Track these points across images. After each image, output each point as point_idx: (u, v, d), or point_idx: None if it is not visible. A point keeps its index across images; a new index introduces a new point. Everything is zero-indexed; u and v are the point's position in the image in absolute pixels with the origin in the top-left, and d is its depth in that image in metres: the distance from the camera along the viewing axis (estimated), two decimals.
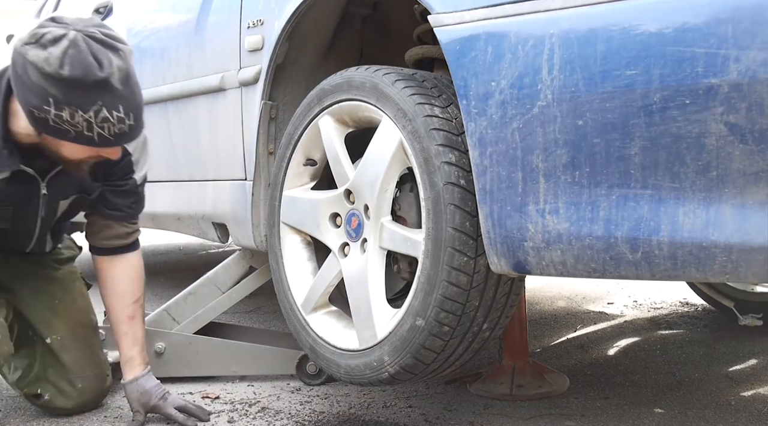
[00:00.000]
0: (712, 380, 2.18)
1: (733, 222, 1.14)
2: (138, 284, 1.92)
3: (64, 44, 1.37)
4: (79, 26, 1.42)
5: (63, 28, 1.40)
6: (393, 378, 1.61)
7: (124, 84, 1.44)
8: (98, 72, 1.39)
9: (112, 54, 1.42)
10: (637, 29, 1.19)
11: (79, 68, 1.38)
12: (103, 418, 1.95)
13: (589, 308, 3.28)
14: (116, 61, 1.42)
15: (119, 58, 1.43)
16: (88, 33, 1.41)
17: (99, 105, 1.41)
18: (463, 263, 1.47)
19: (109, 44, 1.42)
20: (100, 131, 1.44)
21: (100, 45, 1.41)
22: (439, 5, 1.48)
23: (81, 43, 1.38)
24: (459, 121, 1.53)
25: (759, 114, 1.10)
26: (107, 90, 1.41)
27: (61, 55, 1.37)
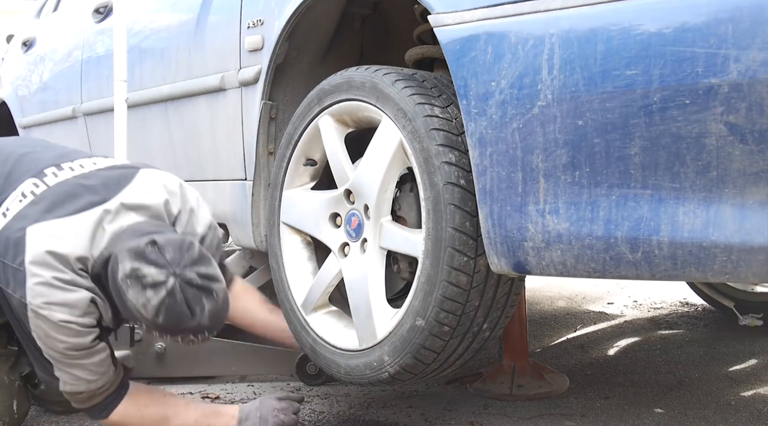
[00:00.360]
0: (712, 380, 2.18)
1: (733, 222, 1.14)
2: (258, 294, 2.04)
3: (162, 294, 1.44)
4: (178, 269, 1.46)
5: (163, 273, 1.45)
6: (393, 378, 1.61)
7: (213, 319, 1.51)
8: (189, 321, 1.47)
9: (206, 299, 1.48)
10: (637, 29, 1.19)
11: (173, 318, 1.46)
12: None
13: (589, 308, 3.28)
14: (208, 305, 1.49)
15: (212, 300, 1.49)
16: (185, 279, 1.46)
17: (187, 334, 1.52)
18: (463, 263, 1.47)
19: (204, 288, 1.48)
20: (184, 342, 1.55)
21: (196, 290, 1.47)
22: (439, 5, 1.48)
23: (178, 293, 1.45)
24: (459, 121, 1.53)
25: (759, 114, 1.10)
26: (197, 329, 1.51)
27: (158, 304, 1.44)
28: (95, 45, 3.05)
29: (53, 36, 3.56)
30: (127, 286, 1.46)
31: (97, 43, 3.04)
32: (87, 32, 3.14)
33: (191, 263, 1.48)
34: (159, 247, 1.47)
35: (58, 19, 3.64)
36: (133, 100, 2.56)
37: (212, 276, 1.51)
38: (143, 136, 2.68)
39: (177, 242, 1.50)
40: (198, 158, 2.44)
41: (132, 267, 1.45)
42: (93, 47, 3.06)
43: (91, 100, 3.04)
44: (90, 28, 3.12)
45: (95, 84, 3.01)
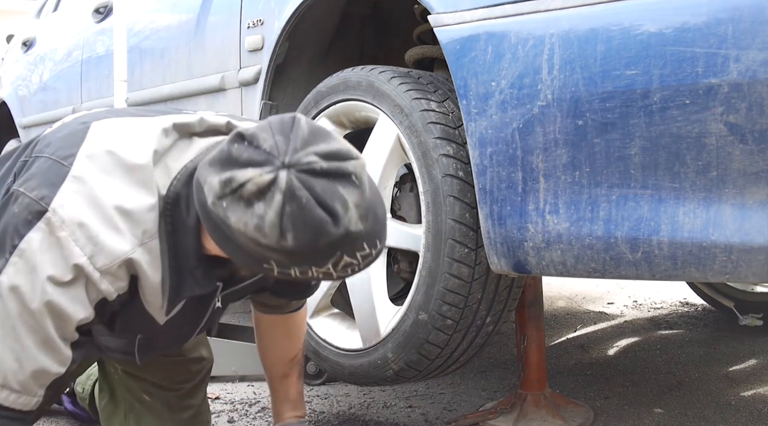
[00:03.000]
0: (712, 380, 2.18)
1: (733, 222, 1.14)
2: (297, 342, 1.56)
3: (278, 201, 0.95)
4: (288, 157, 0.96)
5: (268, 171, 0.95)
6: (397, 375, 1.61)
7: (365, 219, 1.00)
8: (333, 229, 0.97)
9: (343, 188, 0.97)
10: (637, 29, 1.19)
11: (309, 233, 0.96)
12: None
13: (589, 308, 3.28)
14: (352, 196, 0.98)
15: (353, 187, 0.98)
16: (304, 167, 0.96)
17: (338, 255, 1.01)
18: (464, 255, 1.47)
19: (337, 172, 0.97)
20: (340, 274, 1.05)
21: (325, 179, 0.97)
22: (439, 5, 1.48)
23: (300, 191, 0.95)
24: (456, 114, 1.53)
25: (759, 114, 1.10)
26: (348, 241, 1.00)
27: (277, 219, 0.95)
28: (95, 45, 3.05)
29: (53, 36, 3.56)
30: (225, 212, 0.97)
31: (97, 43, 3.04)
32: (87, 32, 3.14)
33: (303, 144, 0.97)
34: (248, 138, 0.98)
35: (58, 19, 3.64)
36: (133, 100, 2.56)
37: (341, 153, 0.99)
38: None
39: (275, 124, 1.00)
40: None
41: (221, 180, 0.96)
42: (93, 47, 3.06)
43: (91, 100, 3.04)
44: (90, 28, 3.13)
45: (95, 84, 3.01)
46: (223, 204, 0.97)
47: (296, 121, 1.00)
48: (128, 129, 1.14)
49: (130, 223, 1.07)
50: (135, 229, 1.08)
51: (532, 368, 1.76)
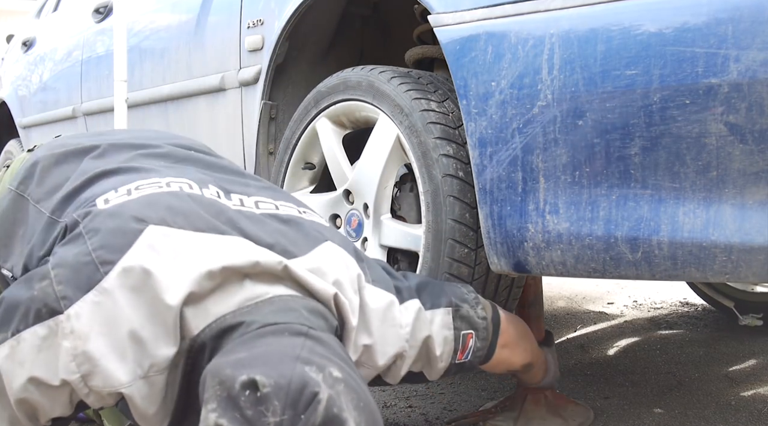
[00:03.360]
0: (712, 380, 2.18)
1: (733, 222, 1.14)
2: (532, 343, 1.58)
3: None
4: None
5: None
6: None
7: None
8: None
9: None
10: (637, 29, 1.19)
11: None
12: None
13: (589, 308, 3.28)
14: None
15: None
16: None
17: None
18: (464, 255, 1.47)
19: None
20: None
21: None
22: (439, 5, 1.48)
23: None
24: (456, 114, 1.53)
25: (759, 114, 1.10)
26: None
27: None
28: (95, 45, 3.05)
29: (53, 36, 3.56)
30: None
31: (97, 43, 3.04)
32: (87, 32, 3.14)
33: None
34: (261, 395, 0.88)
35: (58, 19, 3.65)
36: (133, 100, 2.56)
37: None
38: None
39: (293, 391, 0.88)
40: None
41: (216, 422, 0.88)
42: (93, 47, 3.06)
43: (91, 100, 3.04)
44: (90, 28, 3.13)
45: (95, 84, 3.02)
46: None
47: (316, 401, 0.87)
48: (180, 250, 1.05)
49: (139, 353, 1.01)
50: (143, 361, 1.01)
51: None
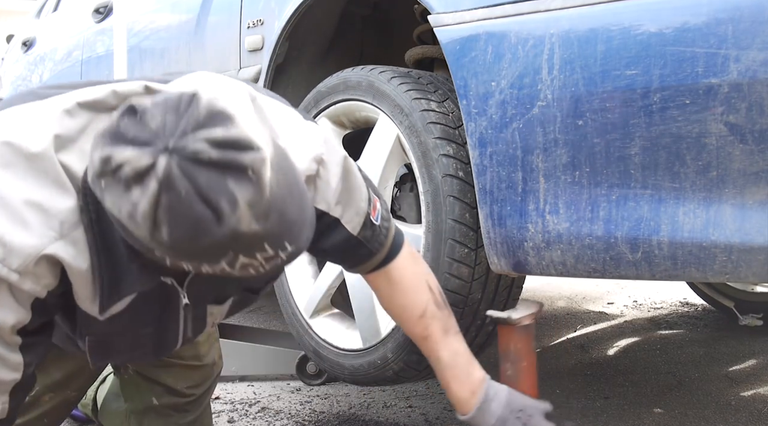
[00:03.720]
0: (712, 380, 2.18)
1: (733, 222, 1.14)
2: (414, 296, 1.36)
3: (153, 189, 0.83)
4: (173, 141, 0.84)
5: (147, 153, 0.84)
6: (397, 375, 1.61)
7: (264, 218, 0.87)
8: (216, 228, 0.84)
9: (235, 183, 0.84)
10: (637, 29, 1.19)
11: (186, 229, 0.84)
12: None
13: (589, 308, 3.28)
14: (245, 193, 0.84)
15: (248, 183, 0.85)
16: (188, 155, 0.83)
17: (231, 255, 0.88)
18: (464, 255, 1.47)
19: (229, 165, 0.84)
20: (242, 272, 0.92)
21: (214, 171, 0.84)
22: (439, 5, 1.48)
23: (180, 181, 0.83)
24: (456, 114, 1.53)
25: (759, 114, 1.10)
26: (239, 242, 0.87)
27: (150, 210, 0.83)
28: (95, 45, 3.05)
29: (53, 36, 3.56)
30: (102, 192, 0.86)
31: (97, 43, 3.04)
32: (87, 32, 3.14)
33: (195, 127, 0.84)
34: (140, 112, 0.86)
35: (58, 19, 3.64)
36: None
37: (239, 142, 0.85)
38: None
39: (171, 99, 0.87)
40: None
41: (101, 157, 0.85)
42: (93, 47, 3.06)
43: None
44: (90, 28, 3.13)
45: None
46: (101, 183, 0.86)
47: (195, 98, 0.86)
48: (28, 115, 1.00)
49: (41, 215, 0.96)
50: (49, 221, 0.96)
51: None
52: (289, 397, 2.08)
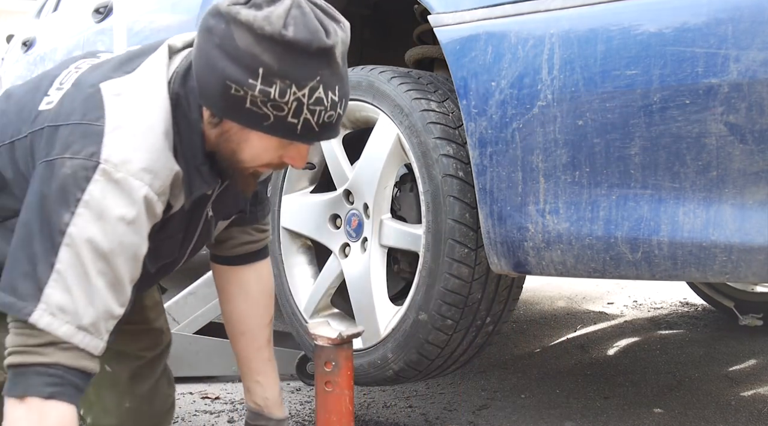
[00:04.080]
0: (712, 380, 2.18)
1: (733, 222, 1.14)
2: (271, 301, 1.58)
3: (287, 3, 1.12)
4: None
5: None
6: (397, 375, 1.61)
7: (344, 61, 1.19)
8: (325, 38, 1.13)
9: (335, 24, 1.17)
10: (637, 29, 1.19)
11: (305, 31, 1.11)
12: None
13: (589, 308, 3.28)
14: (340, 32, 1.17)
15: (342, 29, 1.18)
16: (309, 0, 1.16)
17: (317, 80, 1.14)
18: (464, 255, 1.47)
19: (332, 14, 1.18)
20: (308, 117, 1.16)
21: (323, 13, 1.16)
22: (439, 5, 1.48)
23: (305, 5, 1.14)
24: (456, 114, 1.53)
25: (759, 114, 1.10)
26: (329, 63, 1.15)
27: (284, 14, 1.11)
28: (95, 45, 3.05)
29: (53, 36, 3.56)
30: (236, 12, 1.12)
31: (97, 43, 3.04)
32: (87, 32, 3.14)
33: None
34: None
35: (58, 19, 3.64)
36: None
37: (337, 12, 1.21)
38: None
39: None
40: None
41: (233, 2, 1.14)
42: (93, 47, 3.06)
43: None
44: (90, 28, 3.12)
45: None
46: (236, 8, 1.12)
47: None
48: (134, 82, 1.22)
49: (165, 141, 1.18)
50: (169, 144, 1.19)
51: None
52: (289, 397, 2.08)
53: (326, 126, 1.19)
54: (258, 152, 1.24)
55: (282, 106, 1.15)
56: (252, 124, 1.18)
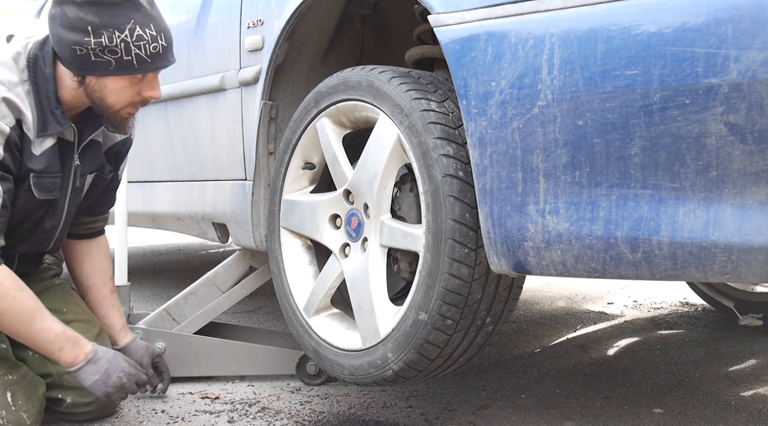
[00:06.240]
0: (712, 380, 2.18)
1: (733, 222, 1.14)
2: (109, 262, 2.12)
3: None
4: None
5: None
6: (397, 375, 1.61)
7: (151, 5, 1.64)
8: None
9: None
10: (637, 29, 1.20)
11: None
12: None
13: (589, 308, 3.28)
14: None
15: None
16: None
17: (133, 22, 1.58)
18: (464, 255, 1.47)
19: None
20: (137, 52, 1.61)
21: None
22: (439, 5, 1.48)
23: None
24: (456, 114, 1.53)
25: (759, 114, 1.10)
26: (138, 8, 1.60)
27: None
28: None
29: None
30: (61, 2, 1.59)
31: None
32: None
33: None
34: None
35: None
36: None
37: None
38: (143, 136, 2.68)
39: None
40: (198, 158, 2.44)
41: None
42: None
43: None
44: None
45: None
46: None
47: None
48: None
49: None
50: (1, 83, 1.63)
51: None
52: (289, 397, 2.08)
53: (155, 56, 1.65)
54: (118, 93, 1.68)
55: (115, 49, 1.60)
56: (102, 72, 1.63)
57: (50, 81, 1.67)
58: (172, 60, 1.71)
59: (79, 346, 1.77)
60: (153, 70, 1.68)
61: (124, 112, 1.74)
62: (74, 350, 1.76)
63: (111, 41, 1.59)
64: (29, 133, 1.65)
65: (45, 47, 1.69)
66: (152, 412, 1.98)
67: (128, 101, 1.71)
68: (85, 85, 1.67)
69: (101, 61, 1.61)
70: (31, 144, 1.66)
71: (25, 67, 1.66)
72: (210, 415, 1.94)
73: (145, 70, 1.66)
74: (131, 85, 1.68)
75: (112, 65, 1.62)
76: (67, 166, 1.77)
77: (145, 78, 1.69)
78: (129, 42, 1.60)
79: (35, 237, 1.84)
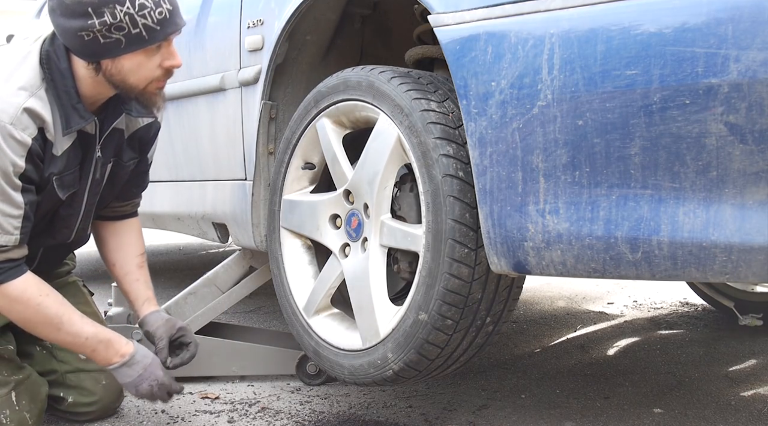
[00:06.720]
0: (712, 380, 2.18)
1: (733, 222, 1.14)
2: (142, 241, 2.04)
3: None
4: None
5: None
6: (397, 375, 1.61)
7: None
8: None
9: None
10: (637, 29, 1.19)
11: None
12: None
13: (589, 308, 3.28)
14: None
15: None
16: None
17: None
18: (464, 255, 1.47)
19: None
20: (143, 21, 1.54)
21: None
22: (439, 5, 1.48)
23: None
24: (456, 114, 1.53)
25: (759, 114, 1.10)
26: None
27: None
28: None
29: None
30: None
31: None
32: None
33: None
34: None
35: None
36: None
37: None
38: None
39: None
40: (198, 158, 2.44)
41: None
42: None
43: None
44: None
45: None
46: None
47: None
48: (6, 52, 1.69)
49: (17, 86, 1.57)
50: (23, 89, 1.57)
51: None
52: (289, 397, 2.08)
53: (163, 21, 1.57)
54: (137, 71, 1.62)
55: (121, 25, 1.53)
56: (115, 52, 1.57)
57: (67, 76, 1.62)
58: (181, 23, 1.63)
59: (113, 348, 1.75)
60: (164, 38, 1.59)
61: (152, 88, 1.67)
62: (108, 352, 1.74)
63: (115, 17, 1.52)
64: (51, 137, 1.61)
65: (55, 42, 1.63)
66: (152, 412, 1.98)
67: (150, 77, 1.64)
68: (103, 71, 1.61)
69: (110, 41, 1.54)
70: (52, 147, 1.62)
71: (39, 66, 1.62)
72: (210, 415, 1.94)
73: (157, 39, 1.58)
74: (148, 58, 1.61)
75: (122, 43, 1.55)
76: (88, 158, 1.73)
77: (160, 49, 1.62)
78: (133, 13, 1.52)
79: (54, 227, 1.79)
